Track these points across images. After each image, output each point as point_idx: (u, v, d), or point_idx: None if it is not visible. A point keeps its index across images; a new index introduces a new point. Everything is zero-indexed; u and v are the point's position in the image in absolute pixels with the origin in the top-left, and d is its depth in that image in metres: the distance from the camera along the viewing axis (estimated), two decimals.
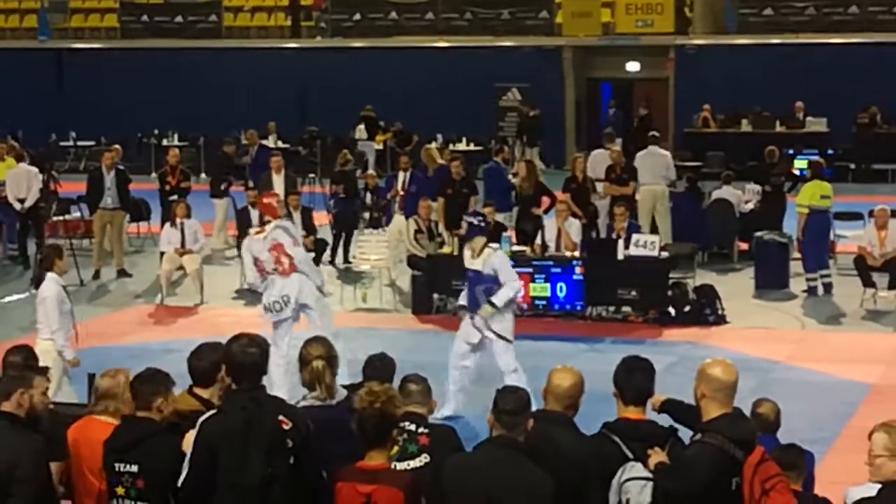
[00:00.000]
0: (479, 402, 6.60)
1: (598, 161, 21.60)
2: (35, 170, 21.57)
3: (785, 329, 17.03)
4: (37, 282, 11.99)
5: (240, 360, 6.50)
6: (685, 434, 6.48)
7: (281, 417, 6.35)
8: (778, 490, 6.11)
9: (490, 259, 12.75)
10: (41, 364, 10.63)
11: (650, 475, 6.20)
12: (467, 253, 13.03)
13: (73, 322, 11.99)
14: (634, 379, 6.55)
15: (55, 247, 12.77)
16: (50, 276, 11.85)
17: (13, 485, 6.44)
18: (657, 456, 6.24)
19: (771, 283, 19.03)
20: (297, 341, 7.50)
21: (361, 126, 34.34)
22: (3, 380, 6.88)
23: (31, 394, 6.82)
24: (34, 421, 6.84)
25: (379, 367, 8.11)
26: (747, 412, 7.92)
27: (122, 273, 20.45)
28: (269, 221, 13.54)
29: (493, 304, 12.70)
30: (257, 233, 13.63)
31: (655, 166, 21.40)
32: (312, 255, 18.80)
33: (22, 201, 20.90)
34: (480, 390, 11.63)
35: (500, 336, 12.85)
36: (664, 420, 6.67)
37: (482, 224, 13.06)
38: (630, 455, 6.32)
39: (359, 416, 6.24)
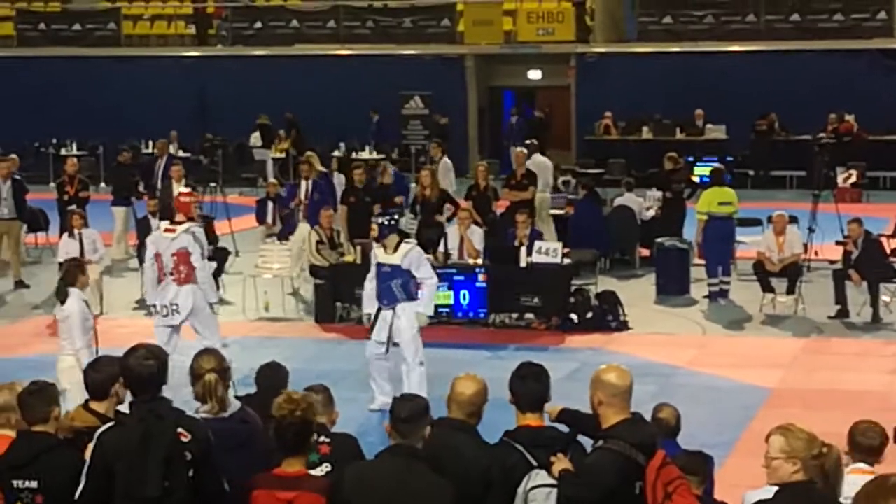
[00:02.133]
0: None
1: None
2: None
3: (686, 334, 17.19)
4: (61, 297, 11.68)
5: (137, 371, 6.42)
6: (585, 441, 6.49)
7: (180, 430, 6.27)
8: (679, 493, 6.14)
9: (409, 254, 13.01)
10: (63, 380, 10.54)
11: (554, 482, 6.20)
12: (380, 251, 13.18)
13: (94, 337, 11.73)
14: (528, 385, 6.54)
15: (77, 261, 12.52)
16: (73, 291, 11.61)
17: None
18: (560, 463, 6.24)
19: (672, 289, 19.20)
20: (189, 351, 7.42)
21: (257, 134, 34.19)
22: None
23: None
24: None
25: (270, 375, 8.07)
26: (648, 417, 7.97)
27: (19, 284, 20.16)
28: (181, 221, 13.39)
29: (423, 314, 13.15)
30: (167, 230, 13.49)
31: (540, 173, 21.81)
32: (214, 264, 18.69)
33: None
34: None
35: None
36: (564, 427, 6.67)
37: (392, 222, 13.30)
38: (534, 462, 6.32)
39: (277, 423, 6.22)
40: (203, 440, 6.31)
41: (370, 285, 13.47)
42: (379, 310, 13.24)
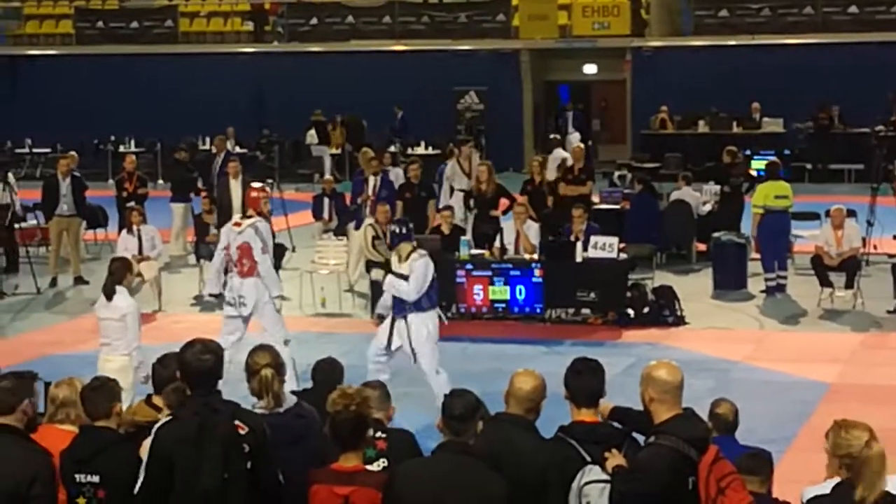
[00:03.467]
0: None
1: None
2: None
3: (743, 329, 17.10)
4: (108, 293, 11.76)
5: (194, 366, 6.47)
6: (640, 438, 6.48)
7: (237, 422, 6.32)
8: (733, 488, 6.13)
9: (413, 263, 12.82)
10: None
11: (608, 478, 6.20)
12: (394, 258, 13.12)
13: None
14: (584, 381, 6.53)
15: (125, 260, 12.60)
16: (121, 289, 11.67)
17: (30, 502, 6.28)
18: (614, 459, 6.24)
19: (729, 283, 19.10)
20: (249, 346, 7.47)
21: (312, 131, 34.30)
22: (2, 391, 6.57)
23: (34, 402, 6.68)
24: (31, 430, 6.67)
25: (327, 370, 8.10)
26: (705, 412, 7.95)
27: (78, 280, 20.32)
28: (251, 216, 13.57)
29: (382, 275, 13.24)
30: (236, 224, 13.69)
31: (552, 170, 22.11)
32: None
33: None
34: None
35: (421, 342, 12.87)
36: None
37: (405, 231, 13.14)
38: (588, 458, 6.31)
39: (332, 418, 6.25)
40: (259, 432, 6.35)
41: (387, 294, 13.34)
42: (393, 319, 13.05)
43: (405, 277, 12.78)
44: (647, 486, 6.10)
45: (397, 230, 13.19)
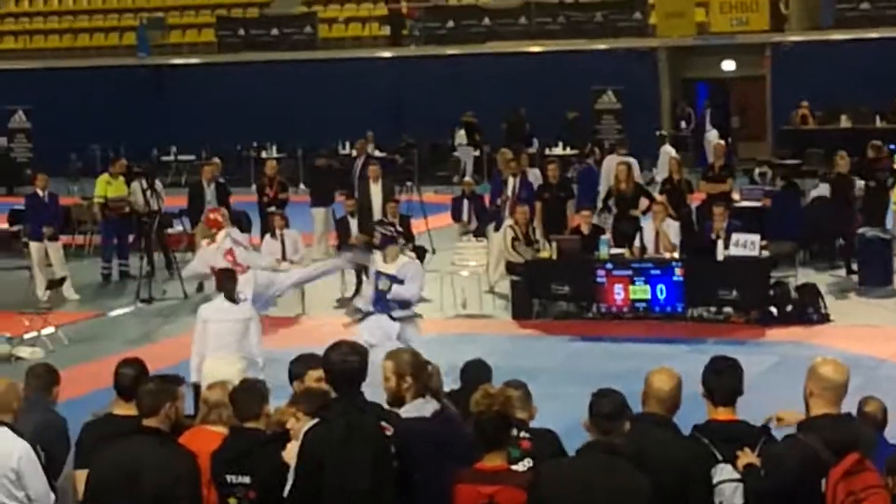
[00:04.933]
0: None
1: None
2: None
3: (890, 326, 16.80)
4: (229, 297, 12.15)
5: (340, 368, 6.55)
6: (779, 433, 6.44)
7: (383, 423, 6.39)
8: (871, 501, 6.01)
9: (406, 265, 13.19)
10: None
11: (740, 477, 6.18)
12: (378, 258, 13.40)
13: None
14: (723, 379, 6.52)
15: (230, 271, 13.11)
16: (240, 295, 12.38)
17: (174, 502, 6.43)
18: (746, 457, 6.22)
19: (874, 280, 18.78)
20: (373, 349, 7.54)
21: (462, 132, 34.42)
22: (147, 393, 6.76)
23: (177, 406, 6.84)
24: (177, 433, 6.86)
25: (476, 372, 8.16)
26: (853, 411, 7.84)
27: None
28: (215, 232, 14.85)
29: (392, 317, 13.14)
30: (209, 244, 14.88)
31: (667, 164, 22.06)
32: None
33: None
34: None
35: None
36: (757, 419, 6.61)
37: (392, 234, 13.67)
38: (720, 457, 6.30)
39: (476, 418, 6.33)
40: (405, 434, 6.42)
41: (370, 288, 13.55)
42: (371, 313, 13.30)
43: (392, 277, 13.08)
44: (776, 481, 6.07)
45: (385, 232, 13.67)
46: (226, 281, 12.46)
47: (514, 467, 6.44)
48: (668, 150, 23.80)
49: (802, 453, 6.10)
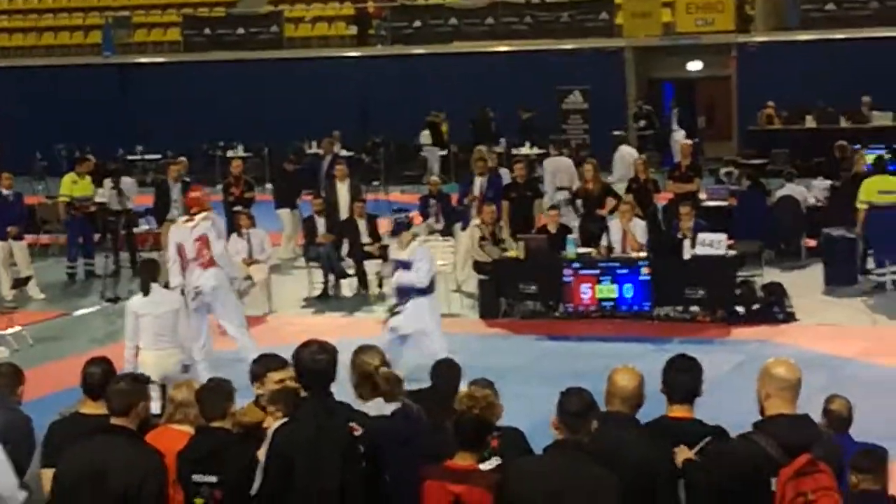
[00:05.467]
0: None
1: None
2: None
3: (856, 325, 16.90)
4: (145, 290, 12.06)
5: (310, 366, 6.54)
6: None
7: (352, 424, 6.39)
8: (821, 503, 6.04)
9: (416, 251, 13.52)
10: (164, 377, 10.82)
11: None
12: (394, 245, 13.72)
13: None
14: (681, 378, 6.62)
15: (153, 260, 13.06)
16: (155, 286, 12.11)
17: (141, 502, 6.40)
18: (682, 453, 6.32)
19: (840, 279, 18.87)
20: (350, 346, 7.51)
21: (426, 132, 34.41)
22: (119, 393, 6.73)
23: (147, 405, 6.83)
24: (144, 432, 6.84)
25: (446, 371, 8.16)
26: (818, 410, 7.89)
27: None
28: (197, 212, 14.12)
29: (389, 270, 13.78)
30: (185, 221, 14.23)
31: (625, 165, 22.31)
32: (380, 260, 18.98)
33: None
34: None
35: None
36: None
37: (406, 220, 13.96)
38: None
39: (458, 418, 6.40)
40: (372, 433, 6.42)
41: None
42: (397, 304, 13.66)
43: (406, 263, 13.37)
44: (719, 475, 6.16)
45: (398, 219, 13.85)
46: (145, 270, 12.38)
47: (482, 466, 6.44)
48: (625, 150, 23.88)
49: (749, 451, 6.16)
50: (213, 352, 13.88)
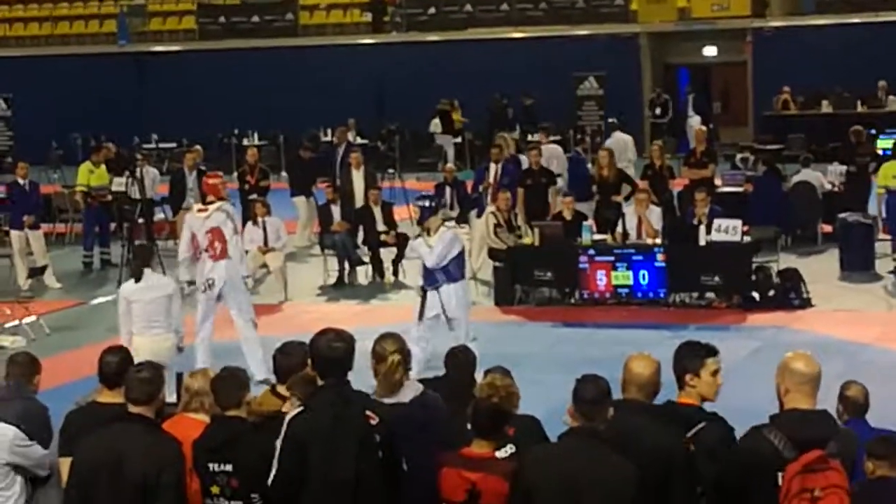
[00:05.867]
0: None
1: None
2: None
3: (872, 311, 16.85)
4: (137, 276, 12.06)
5: (326, 354, 6.53)
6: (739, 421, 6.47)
7: (368, 413, 6.38)
8: (828, 501, 5.95)
9: (443, 235, 13.34)
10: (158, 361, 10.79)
11: None
12: (424, 233, 13.49)
13: None
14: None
15: (150, 246, 13.00)
16: (148, 271, 12.06)
17: (159, 491, 6.41)
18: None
19: (856, 264, 18.83)
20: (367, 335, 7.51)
21: (436, 120, 34.40)
22: (142, 381, 6.72)
23: (164, 394, 6.83)
24: (160, 419, 6.85)
25: (461, 359, 8.15)
26: (834, 396, 7.87)
27: None
28: (212, 202, 13.87)
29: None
30: (200, 210, 13.98)
31: (620, 150, 22.09)
32: (395, 249, 18.97)
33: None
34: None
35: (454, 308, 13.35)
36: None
37: (433, 205, 13.65)
38: None
39: (475, 405, 6.39)
40: (388, 422, 6.43)
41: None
42: (425, 292, 13.52)
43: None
44: (718, 470, 6.15)
45: (425, 204, 13.57)
46: (137, 256, 12.36)
47: (497, 454, 6.42)
48: (619, 137, 23.88)
49: (754, 445, 6.12)
50: (209, 339, 13.85)
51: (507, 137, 22.26)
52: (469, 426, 6.42)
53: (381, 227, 19.52)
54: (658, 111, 34.04)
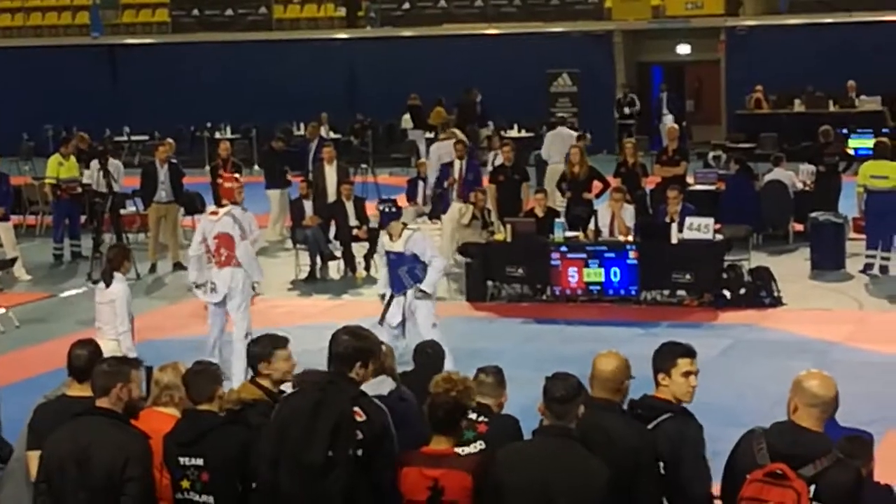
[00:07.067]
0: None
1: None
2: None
3: (842, 310, 16.91)
4: (106, 280, 11.99)
5: (334, 349, 6.51)
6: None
7: (356, 409, 6.31)
8: None
9: (410, 239, 13.14)
10: None
11: None
12: (385, 238, 13.37)
13: (133, 323, 12.09)
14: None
15: (123, 247, 12.88)
16: (118, 276, 11.92)
17: (125, 485, 6.37)
18: None
19: (827, 263, 18.91)
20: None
21: (407, 115, 34.39)
22: (99, 374, 6.72)
23: (130, 388, 6.76)
24: (131, 415, 6.80)
25: (430, 354, 8.17)
26: None
27: (177, 266, 20.54)
28: (225, 205, 13.78)
29: (423, 292, 13.12)
30: (212, 213, 13.88)
31: (563, 146, 22.21)
32: (366, 244, 18.94)
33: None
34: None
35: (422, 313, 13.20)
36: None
37: (393, 210, 13.37)
38: None
39: (432, 400, 6.32)
40: (378, 425, 6.35)
41: (384, 270, 13.62)
42: (392, 296, 13.35)
43: (400, 255, 13.10)
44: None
45: (385, 209, 13.34)
46: (108, 259, 12.26)
47: (463, 450, 6.39)
48: (560, 133, 23.99)
49: (738, 446, 6.11)
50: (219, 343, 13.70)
51: (456, 132, 22.20)
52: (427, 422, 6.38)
53: (353, 221, 19.49)
54: (626, 111, 34.04)
